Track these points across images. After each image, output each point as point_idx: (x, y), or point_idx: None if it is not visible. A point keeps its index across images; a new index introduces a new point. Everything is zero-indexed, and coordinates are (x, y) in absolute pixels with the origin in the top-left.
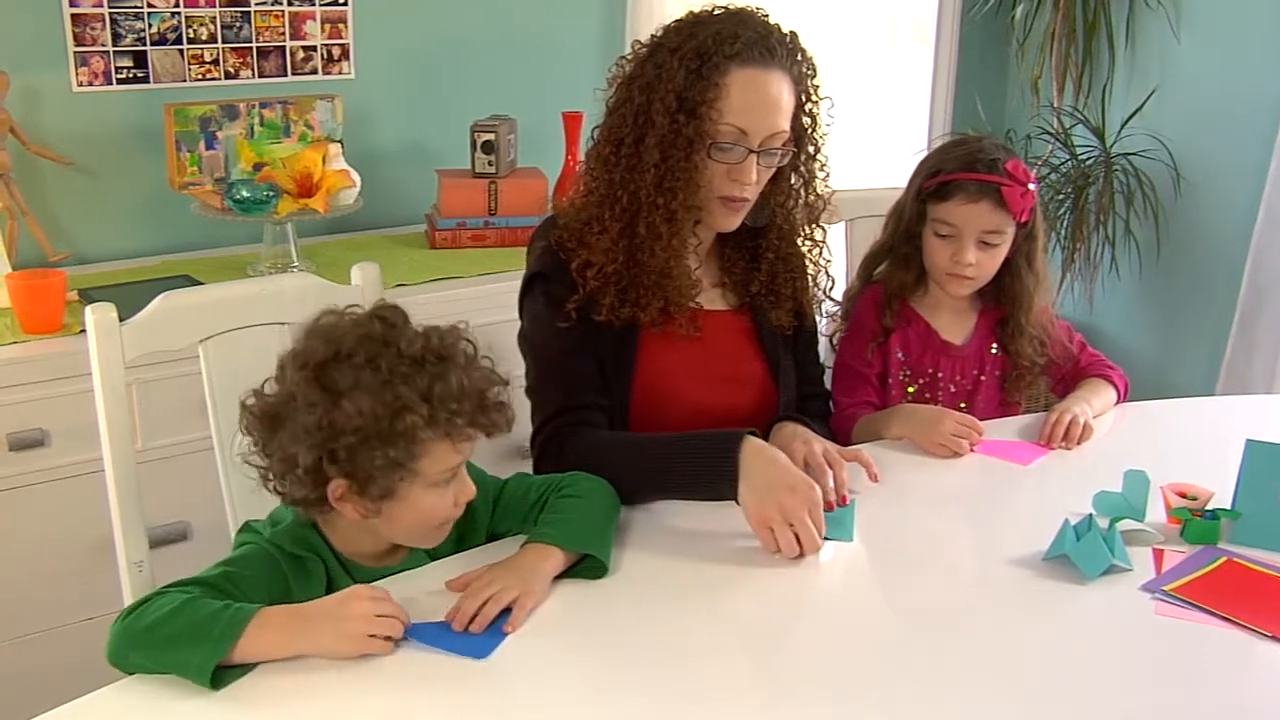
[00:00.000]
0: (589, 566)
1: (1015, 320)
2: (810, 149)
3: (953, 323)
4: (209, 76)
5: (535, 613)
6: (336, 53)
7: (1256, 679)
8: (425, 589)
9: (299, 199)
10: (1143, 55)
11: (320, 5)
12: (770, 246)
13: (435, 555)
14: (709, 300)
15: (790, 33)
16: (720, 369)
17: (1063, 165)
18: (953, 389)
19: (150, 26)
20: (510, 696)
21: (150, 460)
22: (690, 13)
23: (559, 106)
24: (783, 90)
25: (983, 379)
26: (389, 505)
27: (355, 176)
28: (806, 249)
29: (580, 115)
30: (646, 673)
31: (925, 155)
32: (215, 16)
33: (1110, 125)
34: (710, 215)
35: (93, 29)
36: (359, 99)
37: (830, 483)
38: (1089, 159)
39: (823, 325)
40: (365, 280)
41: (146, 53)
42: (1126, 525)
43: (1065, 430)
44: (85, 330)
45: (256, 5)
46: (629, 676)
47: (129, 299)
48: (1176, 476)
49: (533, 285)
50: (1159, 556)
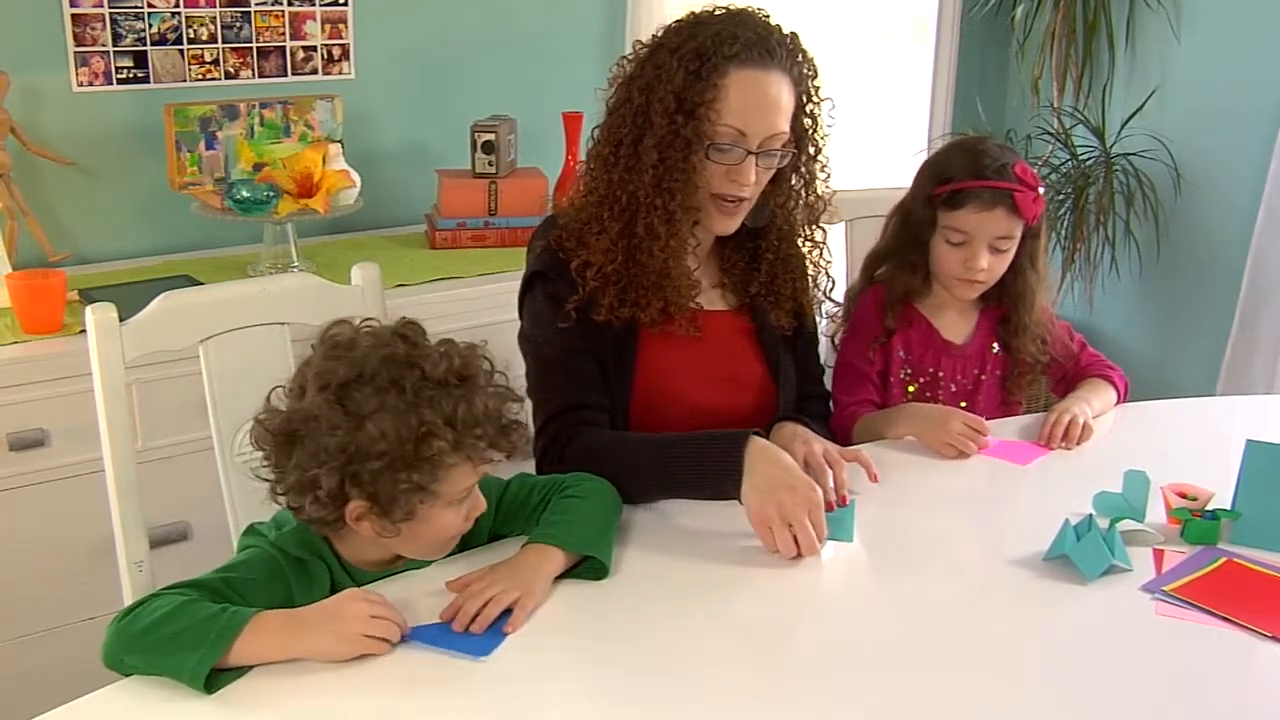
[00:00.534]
0: (590, 567)
1: (1018, 318)
2: (811, 150)
3: (954, 322)
4: (209, 76)
5: (536, 613)
6: (337, 53)
7: (1256, 679)
8: (425, 590)
9: (299, 199)
10: (1143, 55)
11: (320, 5)
12: (770, 247)
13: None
14: (709, 300)
15: (791, 34)
16: (720, 369)
17: (1063, 165)
18: (953, 388)
19: (150, 26)
20: (510, 696)
21: (150, 460)
22: (691, 13)
23: (559, 107)
24: (782, 91)
25: (983, 378)
26: (408, 525)
27: (355, 177)
28: (807, 250)
29: (580, 115)
30: (647, 673)
31: (928, 159)
32: (215, 16)
33: (1110, 125)
34: (708, 217)
35: (93, 29)
36: (359, 99)
37: (830, 483)
38: (1089, 159)
39: (823, 326)
40: (365, 280)
41: (147, 53)
42: (1127, 525)
43: (1065, 430)
44: (85, 330)
45: (257, 5)
46: (630, 677)
47: (129, 299)
48: (1177, 477)
49: (533, 285)
50: (1159, 557)
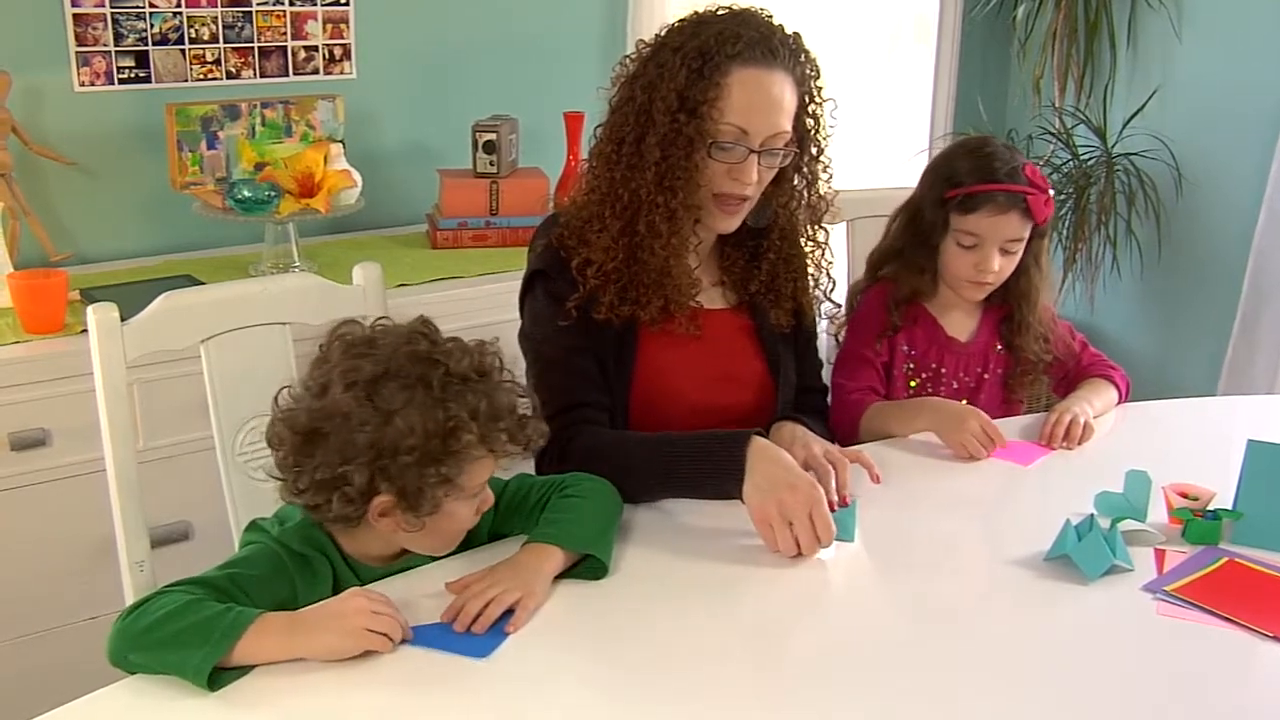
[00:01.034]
0: (590, 566)
1: (1021, 316)
2: (813, 149)
3: (959, 320)
4: (210, 76)
5: (537, 613)
6: (338, 52)
7: (1257, 679)
8: (425, 591)
9: (300, 199)
10: (1144, 55)
11: (322, 5)
12: (772, 246)
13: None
14: (709, 299)
15: (794, 33)
16: (720, 367)
17: (1064, 165)
18: (955, 385)
19: (152, 26)
20: (511, 696)
21: (151, 460)
22: (694, 12)
23: (560, 106)
24: (784, 90)
25: (986, 376)
26: (431, 520)
27: (357, 176)
28: (809, 250)
29: (582, 115)
30: (648, 673)
31: (935, 162)
32: (217, 16)
33: (1112, 125)
34: (710, 216)
35: (94, 29)
36: (360, 99)
37: (833, 484)
38: (1090, 159)
39: (823, 325)
40: (367, 280)
41: (148, 52)
42: (1128, 525)
43: (1066, 430)
44: (87, 330)
45: (258, 5)
46: (630, 676)
47: (130, 299)
48: (1178, 477)
49: (534, 283)
50: (1160, 557)
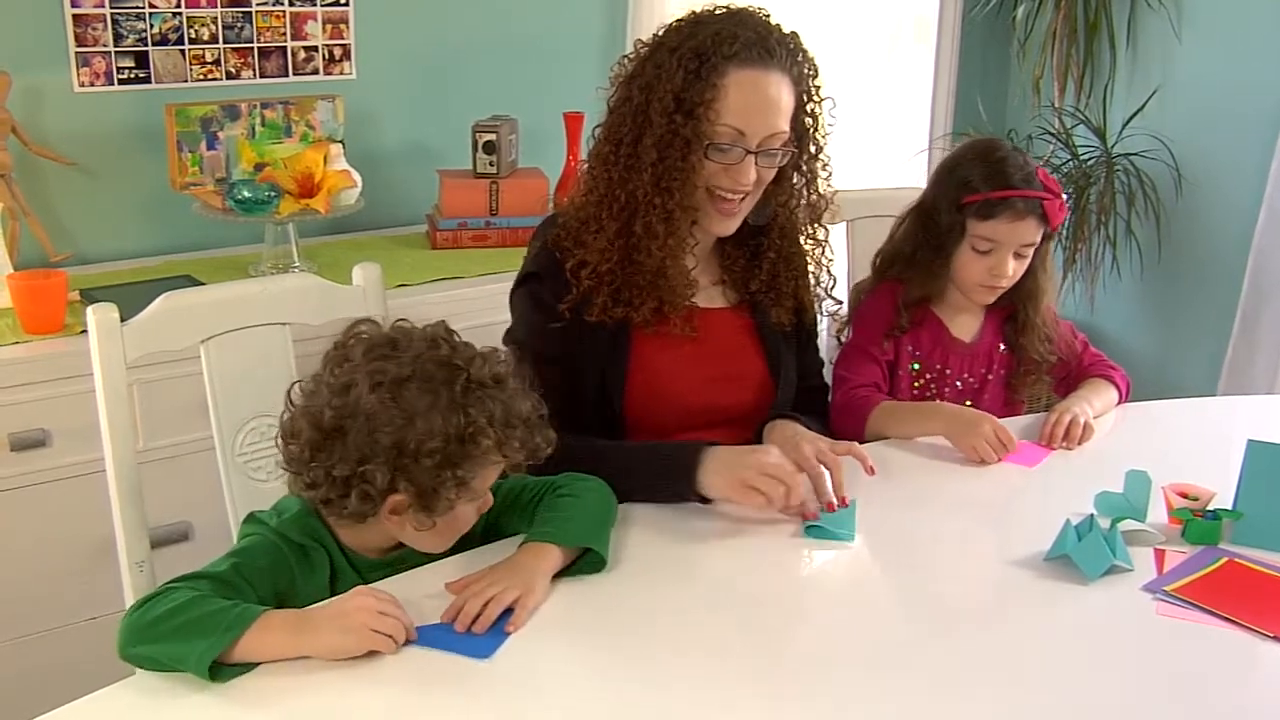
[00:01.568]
0: (588, 561)
1: (1025, 316)
2: (812, 149)
3: (963, 321)
4: (210, 77)
5: (536, 611)
6: (338, 53)
7: (1257, 679)
8: (425, 591)
9: (300, 199)
10: (1144, 55)
11: (322, 5)
12: (772, 245)
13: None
14: (708, 298)
15: (791, 33)
16: (718, 367)
17: (1064, 165)
18: (960, 385)
19: (151, 27)
20: (513, 695)
21: (151, 460)
22: (691, 12)
23: (560, 107)
24: (782, 91)
25: (990, 377)
26: (443, 520)
27: (356, 177)
28: (810, 248)
29: (581, 116)
30: (649, 671)
31: (947, 167)
32: (217, 17)
33: (1111, 125)
34: (707, 217)
35: (94, 29)
36: (360, 99)
37: (828, 486)
38: (1090, 159)
39: (823, 324)
40: (367, 280)
41: (148, 53)
42: (1128, 525)
43: (1066, 430)
44: (87, 330)
45: (258, 5)
46: (631, 674)
47: (130, 299)
48: (1178, 477)
49: (523, 285)
50: (1160, 557)
